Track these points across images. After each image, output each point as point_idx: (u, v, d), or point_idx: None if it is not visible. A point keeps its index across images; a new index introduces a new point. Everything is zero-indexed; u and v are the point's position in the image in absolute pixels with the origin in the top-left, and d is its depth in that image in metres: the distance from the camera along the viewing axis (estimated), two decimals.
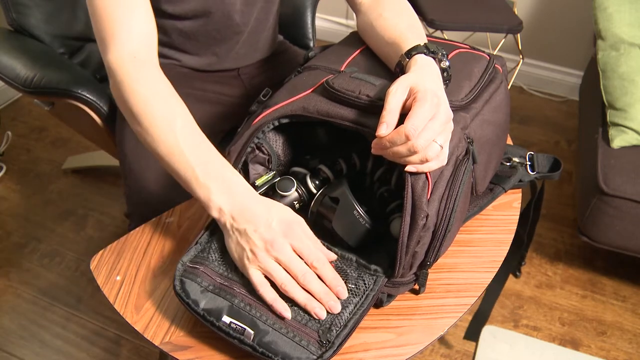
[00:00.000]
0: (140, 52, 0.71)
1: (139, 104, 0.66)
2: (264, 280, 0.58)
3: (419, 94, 0.57)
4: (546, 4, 2.09)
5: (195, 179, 0.62)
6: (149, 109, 0.66)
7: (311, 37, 1.32)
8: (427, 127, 0.55)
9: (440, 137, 0.57)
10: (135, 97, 0.67)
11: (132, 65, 0.69)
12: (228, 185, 0.62)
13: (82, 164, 1.84)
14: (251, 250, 0.58)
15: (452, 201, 0.59)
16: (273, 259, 0.58)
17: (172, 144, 0.64)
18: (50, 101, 1.12)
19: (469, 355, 1.37)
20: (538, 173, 0.81)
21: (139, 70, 0.69)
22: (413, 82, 0.59)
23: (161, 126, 0.65)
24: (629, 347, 1.41)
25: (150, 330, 0.61)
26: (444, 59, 0.67)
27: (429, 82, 0.60)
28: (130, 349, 1.35)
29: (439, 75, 0.64)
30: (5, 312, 1.43)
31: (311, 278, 0.58)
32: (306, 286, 0.58)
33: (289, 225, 0.60)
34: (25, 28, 1.14)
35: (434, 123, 0.56)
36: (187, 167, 0.63)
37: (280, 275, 0.58)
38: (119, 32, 0.70)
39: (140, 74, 0.69)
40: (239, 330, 0.55)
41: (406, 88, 0.58)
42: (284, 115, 0.65)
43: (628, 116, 1.38)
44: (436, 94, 0.58)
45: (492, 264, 0.71)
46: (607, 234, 1.38)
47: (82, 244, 1.61)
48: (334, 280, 0.59)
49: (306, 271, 0.58)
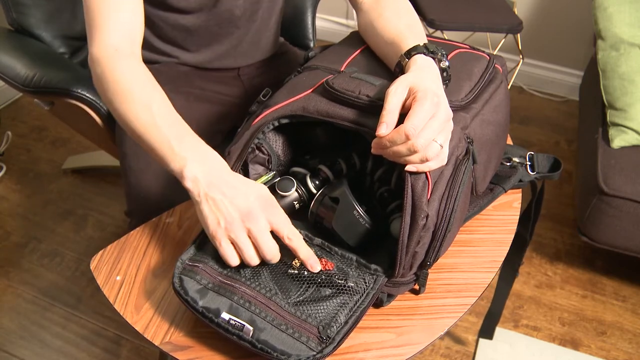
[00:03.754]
0: (123, 46, 0.72)
1: (118, 93, 0.68)
2: (234, 253, 0.59)
3: (419, 93, 0.57)
4: (546, 4, 2.09)
5: (170, 150, 0.62)
6: (128, 95, 0.68)
7: (311, 38, 1.32)
8: (427, 126, 0.55)
9: (440, 136, 0.57)
10: (116, 85, 0.68)
11: (113, 58, 0.71)
12: (204, 157, 0.62)
13: (82, 164, 1.84)
14: (225, 220, 0.58)
15: (452, 201, 0.59)
16: (246, 231, 0.58)
17: (149, 121, 0.65)
18: (50, 101, 1.12)
19: (469, 355, 1.37)
20: (538, 173, 0.81)
21: (120, 62, 0.70)
22: (413, 81, 0.59)
23: (139, 107, 0.66)
24: (629, 347, 1.41)
25: (151, 330, 0.61)
26: (443, 59, 0.67)
27: (429, 81, 0.60)
28: (130, 349, 1.35)
29: (438, 76, 0.64)
30: (5, 312, 1.43)
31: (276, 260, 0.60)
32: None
33: (267, 201, 0.60)
34: (26, 28, 1.14)
35: (434, 122, 0.56)
36: (163, 141, 0.63)
37: (248, 252, 0.58)
38: (104, 26, 0.72)
39: (121, 65, 0.70)
40: (238, 326, 0.56)
41: (406, 88, 0.58)
42: (284, 115, 0.65)
43: (628, 116, 1.38)
44: (436, 94, 0.58)
45: (492, 264, 0.71)
46: (607, 234, 1.38)
47: (82, 244, 1.61)
48: (307, 256, 0.59)
49: (275, 256, 0.59)
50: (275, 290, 0.58)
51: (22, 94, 2.01)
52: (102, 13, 0.72)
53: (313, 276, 0.60)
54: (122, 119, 0.68)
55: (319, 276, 0.60)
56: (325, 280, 0.59)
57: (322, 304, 0.57)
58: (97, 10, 0.72)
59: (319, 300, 0.58)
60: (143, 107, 0.66)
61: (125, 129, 0.69)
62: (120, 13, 0.72)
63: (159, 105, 0.67)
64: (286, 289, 0.59)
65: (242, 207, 0.58)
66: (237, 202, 0.58)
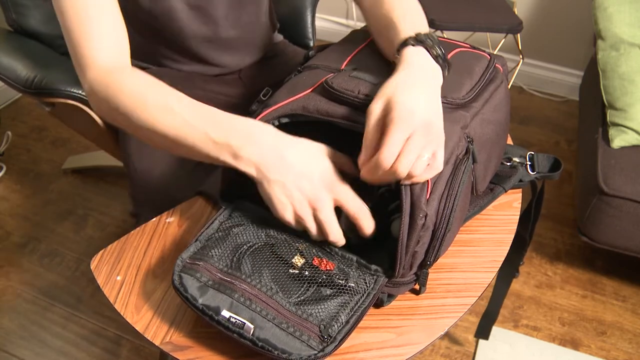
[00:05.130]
0: (115, 60, 0.70)
1: (128, 105, 0.65)
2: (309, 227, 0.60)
3: (393, 113, 0.55)
4: (546, 4, 2.10)
5: (212, 143, 0.59)
6: (139, 102, 0.64)
7: (311, 37, 1.32)
8: (405, 150, 0.54)
9: (427, 149, 0.55)
10: (126, 97, 0.65)
11: (112, 74, 0.68)
12: (248, 135, 0.59)
13: (82, 164, 1.84)
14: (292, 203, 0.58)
15: (451, 200, 0.59)
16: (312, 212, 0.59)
17: (175, 121, 0.62)
18: (51, 102, 1.12)
19: (469, 355, 1.37)
20: (538, 173, 0.82)
21: (120, 75, 0.68)
22: (389, 96, 0.57)
23: (157, 111, 0.63)
24: (629, 347, 1.41)
25: (151, 330, 0.61)
26: (435, 46, 0.64)
27: (408, 88, 0.58)
28: (131, 349, 1.35)
29: (427, 68, 0.62)
30: (5, 312, 1.43)
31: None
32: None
33: (330, 177, 0.60)
34: (25, 29, 1.14)
35: (412, 143, 0.54)
36: (200, 135, 0.60)
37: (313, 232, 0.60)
38: (91, 48, 0.69)
39: (122, 78, 0.68)
40: (239, 324, 0.55)
41: (382, 104, 0.57)
42: (284, 114, 0.65)
43: (628, 116, 1.38)
44: (410, 110, 0.55)
45: (492, 264, 0.71)
46: (607, 234, 1.38)
47: (82, 244, 1.61)
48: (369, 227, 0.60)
49: (339, 240, 0.60)
50: (276, 290, 0.58)
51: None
52: (85, 35, 0.68)
53: (314, 276, 0.60)
54: (147, 130, 0.64)
55: (320, 276, 0.60)
56: (326, 280, 0.59)
57: (323, 304, 0.57)
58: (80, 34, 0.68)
59: (320, 300, 0.58)
60: (164, 110, 0.63)
61: (152, 141, 0.65)
62: (103, 30, 0.69)
63: (179, 102, 0.63)
64: (287, 289, 0.59)
65: (308, 191, 0.58)
66: (302, 185, 0.58)
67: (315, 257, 0.61)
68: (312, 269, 0.60)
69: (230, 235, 0.63)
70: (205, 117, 0.61)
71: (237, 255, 0.61)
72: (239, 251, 0.62)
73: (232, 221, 0.66)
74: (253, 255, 0.61)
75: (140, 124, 0.64)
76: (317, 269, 0.60)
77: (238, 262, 0.61)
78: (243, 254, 0.62)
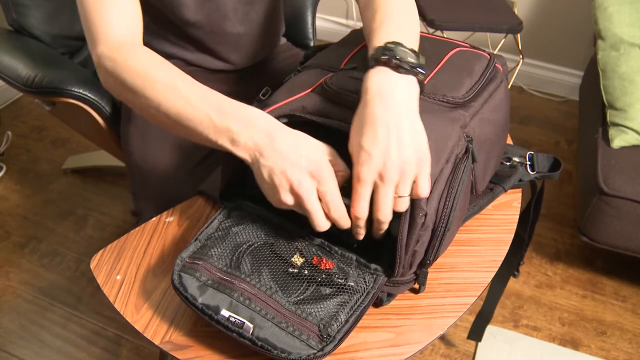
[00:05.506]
0: (127, 38, 0.71)
1: (136, 79, 0.65)
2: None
3: (354, 162, 0.56)
4: (546, 4, 2.10)
5: (213, 126, 0.60)
6: (148, 78, 0.65)
7: (311, 37, 1.32)
8: (379, 200, 0.55)
9: (404, 181, 0.55)
10: (132, 73, 0.66)
11: (122, 49, 0.69)
12: (247, 122, 0.59)
13: (82, 164, 1.84)
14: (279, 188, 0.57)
15: (451, 199, 0.59)
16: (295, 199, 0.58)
17: (179, 100, 0.62)
18: (51, 101, 1.12)
19: (469, 355, 1.37)
20: (538, 173, 0.82)
21: (130, 51, 0.69)
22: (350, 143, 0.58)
23: (164, 88, 0.63)
24: (629, 347, 1.41)
25: (151, 330, 0.61)
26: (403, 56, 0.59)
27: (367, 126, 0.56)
28: (131, 349, 1.35)
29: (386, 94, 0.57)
30: (5, 312, 1.43)
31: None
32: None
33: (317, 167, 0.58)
34: (26, 28, 1.14)
35: (383, 187, 0.55)
36: (202, 117, 0.60)
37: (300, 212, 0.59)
38: (105, 22, 0.70)
39: (132, 53, 0.68)
40: (238, 324, 0.56)
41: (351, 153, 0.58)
42: (283, 114, 0.65)
43: (628, 116, 1.38)
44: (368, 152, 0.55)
45: (492, 263, 0.71)
46: (607, 234, 1.38)
47: (82, 244, 1.61)
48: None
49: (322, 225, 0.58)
50: (275, 289, 0.58)
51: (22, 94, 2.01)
52: (99, 10, 0.70)
53: (313, 275, 0.60)
54: (150, 107, 0.65)
55: (319, 275, 0.60)
56: (325, 279, 0.59)
57: (322, 303, 0.57)
58: (95, 9, 0.71)
59: (319, 299, 0.58)
60: (169, 88, 0.63)
61: (155, 118, 0.65)
62: (118, 7, 0.71)
63: (184, 81, 0.64)
64: (286, 288, 0.59)
65: (293, 178, 0.57)
66: (289, 172, 0.57)
67: (314, 256, 0.61)
68: (311, 268, 0.60)
69: (230, 235, 0.64)
70: (210, 100, 0.62)
71: (237, 254, 0.61)
72: (239, 250, 0.62)
73: (231, 220, 0.66)
74: (252, 254, 0.62)
75: (144, 101, 0.65)
76: (316, 268, 0.60)
77: (237, 261, 0.61)
78: (242, 253, 0.62)
